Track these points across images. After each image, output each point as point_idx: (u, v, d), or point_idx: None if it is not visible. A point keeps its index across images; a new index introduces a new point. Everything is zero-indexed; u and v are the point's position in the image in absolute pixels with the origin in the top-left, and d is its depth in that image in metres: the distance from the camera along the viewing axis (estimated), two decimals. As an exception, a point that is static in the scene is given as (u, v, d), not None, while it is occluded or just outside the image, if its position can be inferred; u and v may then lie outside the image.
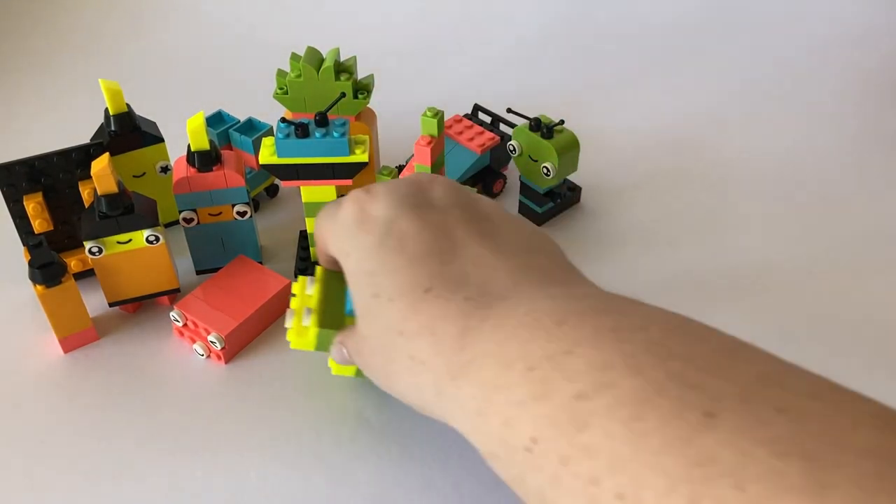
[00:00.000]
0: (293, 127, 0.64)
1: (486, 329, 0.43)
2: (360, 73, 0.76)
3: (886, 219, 0.79)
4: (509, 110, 0.79)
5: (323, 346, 0.60)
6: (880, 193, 0.82)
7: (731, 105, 0.96)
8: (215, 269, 0.72)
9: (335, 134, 0.63)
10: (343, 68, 0.74)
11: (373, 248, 0.49)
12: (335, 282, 0.60)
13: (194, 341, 0.66)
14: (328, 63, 0.72)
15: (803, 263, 0.74)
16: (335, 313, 0.59)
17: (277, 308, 0.69)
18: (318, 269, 0.61)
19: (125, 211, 0.63)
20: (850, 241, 0.76)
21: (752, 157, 0.87)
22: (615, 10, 1.08)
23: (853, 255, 0.75)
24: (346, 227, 0.51)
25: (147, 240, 0.64)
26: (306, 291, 0.61)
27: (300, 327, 0.59)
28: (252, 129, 0.76)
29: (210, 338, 0.64)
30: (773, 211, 0.80)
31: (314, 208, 0.68)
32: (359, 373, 0.64)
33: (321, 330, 0.58)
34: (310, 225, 0.70)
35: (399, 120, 0.86)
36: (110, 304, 0.68)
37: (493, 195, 0.81)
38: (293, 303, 0.61)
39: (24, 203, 0.67)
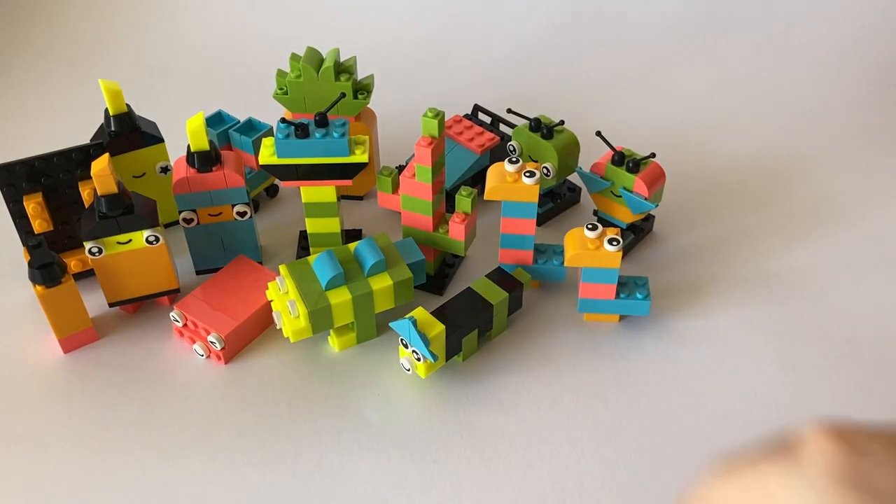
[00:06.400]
0: (293, 127, 0.64)
1: None
2: (360, 74, 0.76)
3: (887, 219, 0.79)
4: (509, 110, 0.79)
5: (319, 326, 0.63)
6: (881, 193, 0.82)
7: (732, 105, 0.96)
8: (215, 269, 0.72)
9: (335, 134, 0.64)
10: (343, 68, 0.74)
11: None
12: (302, 268, 0.64)
13: (194, 341, 0.66)
14: (328, 63, 0.72)
15: (802, 265, 0.74)
16: (315, 292, 0.63)
17: (277, 308, 0.69)
18: (281, 267, 0.64)
19: (125, 211, 0.63)
20: (850, 241, 0.76)
21: (752, 156, 0.87)
22: (615, 10, 1.08)
23: (853, 255, 0.75)
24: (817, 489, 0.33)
25: (147, 240, 0.64)
26: (281, 291, 0.64)
27: (292, 321, 0.62)
28: (252, 129, 0.76)
29: (210, 338, 0.64)
30: (772, 211, 0.80)
31: (314, 208, 0.68)
32: (351, 341, 0.66)
33: (312, 311, 0.61)
34: (310, 225, 0.70)
35: (399, 120, 0.86)
36: (110, 305, 0.68)
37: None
38: (275, 306, 0.64)
39: (24, 203, 0.67)
